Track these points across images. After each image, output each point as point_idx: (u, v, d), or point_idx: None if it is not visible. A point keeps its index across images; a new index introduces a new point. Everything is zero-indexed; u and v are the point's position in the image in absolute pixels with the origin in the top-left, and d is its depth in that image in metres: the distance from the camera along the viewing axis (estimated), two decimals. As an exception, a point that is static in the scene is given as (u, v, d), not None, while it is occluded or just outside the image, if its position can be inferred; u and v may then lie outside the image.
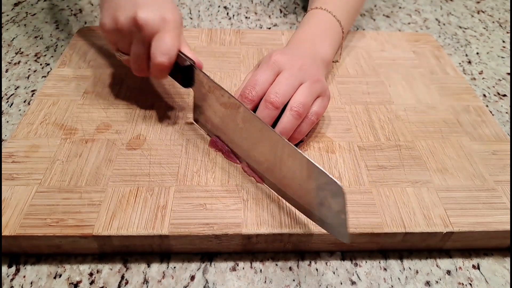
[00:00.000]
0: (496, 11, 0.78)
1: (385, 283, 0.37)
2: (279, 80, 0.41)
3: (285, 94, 0.40)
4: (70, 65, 0.54)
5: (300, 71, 0.42)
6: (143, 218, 0.36)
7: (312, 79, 0.42)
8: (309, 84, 0.42)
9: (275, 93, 0.40)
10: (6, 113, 0.50)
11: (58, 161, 0.41)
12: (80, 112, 0.47)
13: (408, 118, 0.49)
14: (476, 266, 0.38)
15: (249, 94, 0.41)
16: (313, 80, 0.42)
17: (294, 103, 0.40)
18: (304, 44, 0.48)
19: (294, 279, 0.36)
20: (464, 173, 0.42)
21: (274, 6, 0.75)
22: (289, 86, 0.41)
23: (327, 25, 0.51)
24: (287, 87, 0.41)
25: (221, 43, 0.60)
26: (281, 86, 0.41)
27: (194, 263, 0.37)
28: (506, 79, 0.60)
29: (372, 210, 0.38)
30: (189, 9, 0.73)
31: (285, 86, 0.41)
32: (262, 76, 0.41)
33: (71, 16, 0.69)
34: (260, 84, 0.41)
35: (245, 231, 0.36)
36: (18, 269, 0.36)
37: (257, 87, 0.41)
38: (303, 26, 0.51)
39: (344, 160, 0.43)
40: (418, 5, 0.79)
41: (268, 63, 0.42)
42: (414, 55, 0.59)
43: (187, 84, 0.43)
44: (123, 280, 0.36)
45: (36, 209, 0.37)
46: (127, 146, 0.43)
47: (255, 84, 0.41)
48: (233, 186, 0.40)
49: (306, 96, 0.41)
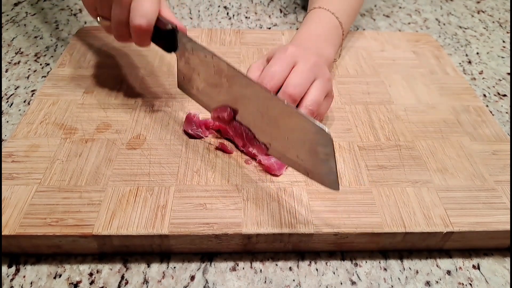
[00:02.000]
0: (496, 11, 0.78)
1: (385, 283, 0.37)
2: (296, 71, 0.42)
3: (303, 87, 0.41)
4: (70, 65, 0.54)
5: (315, 66, 0.43)
6: (143, 218, 0.36)
7: (325, 76, 0.43)
8: (322, 82, 0.43)
9: (294, 86, 0.41)
10: (6, 113, 0.50)
11: (58, 160, 0.41)
12: (80, 112, 0.47)
13: (408, 118, 0.49)
14: (476, 266, 0.38)
15: (268, 84, 0.41)
16: (326, 78, 0.43)
17: (308, 101, 0.41)
18: (308, 43, 0.48)
19: (294, 279, 0.36)
20: (464, 173, 0.42)
21: (274, 6, 0.75)
22: (306, 79, 0.42)
23: (328, 25, 0.51)
24: (305, 79, 0.41)
25: (221, 43, 0.60)
26: (298, 79, 0.41)
27: (194, 263, 0.37)
28: (506, 79, 0.60)
29: (372, 210, 0.38)
30: (189, 9, 0.73)
31: (302, 79, 0.41)
32: (280, 66, 0.42)
33: (71, 16, 0.69)
34: (278, 74, 0.41)
35: (245, 231, 0.36)
36: (18, 269, 0.36)
37: (275, 78, 0.41)
38: (305, 25, 0.51)
39: (344, 160, 0.43)
40: (418, 5, 0.79)
41: (285, 54, 0.43)
42: (414, 55, 0.59)
43: (170, 49, 0.43)
44: (123, 280, 0.36)
45: (36, 209, 0.37)
46: (127, 145, 0.43)
47: (273, 75, 0.41)
48: (233, 186, 0.40)
49: (319, 94, 0.42)
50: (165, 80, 0.52)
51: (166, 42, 0.42)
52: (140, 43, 0.42)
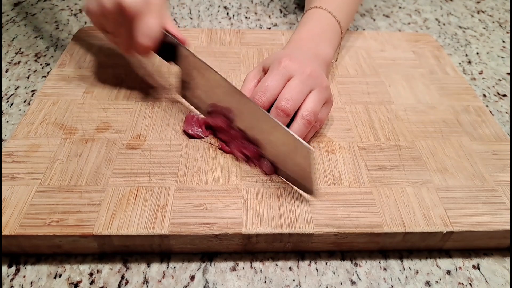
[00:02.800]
0: (496, 11, 0.78)
1: (385, 283, 0.37)
2: (290, 86, 0.41)
3: (296, 101, 0.41)
4: (70, 65, 0.54)
5: (310, 77, 0.42)
6: (143, 218, 0.36)
7: (321, 86, 0.43)
8: (318, 92, 0.42)
9: (287, 100, 0.40)
10: (6, 113, 0.50)
11: (58, 160, 0.41)
12: (80, 112, 0.47)
13: (408, 118, 0.49)
14: (476, 266, 0.38)
15: (259, 99, 0.41)
16: (322, 87, 0.43)
17: (305, 111, 0.41)
18: (306, 44, 0.48)
19: (294, 279, 0.36)
20: (464, 173, 0.42)
21: (274, 6, 0.75)
22: (300, 93, 0.41)
23: (327, 25, 0.51)
24: (298, 94, 0.41)
25: (221, 43, 0.60)
26: (292, 93, 0.41)
27: (194, 263, 0.37)
28: (506, 79, 0.60)
29: (372, 210, 0.38)
30: (189, 9, 0.73)
31: (296, 93, 0.41)
32: (272, 81, 0.41)
33: (71, 16, 0.69)
34: (270, 89, 0.41)
35: (245, 230, 0.36)
36: (18, 269, 0.36)
37: (267, 93, 0.41)
38: (304, 25, 0.51)
39: (344, 160, 0.43)
40: (418, 5, 0.79)
41: (278, 69, 0.42)
42: (414, 55, 0.59)
43: (170, 59, 0.45)
44: (123, 280, 0.36)
45: (36, 209, 0.37)
46: (127, 145, 0.43)
47: (266, 90, 0.41)
48: (233, 186, 0.40)
49: (315, 104, 0.42)
50: (165, 80, 0.52)
51: (167, 54, 0.45)
52: (144, 56, 0.44)
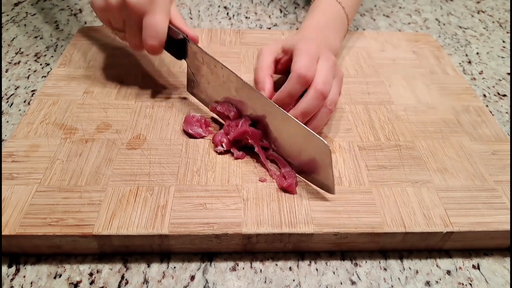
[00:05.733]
0: (496, 11, 0.78)
1: (385, 283, 0.37)
2: (322, 69, 0.42)
3: (330, 84, 0.42)
4: (70, 65, 0.54)
5: (335, 64, 0.44)
6: (143, 218, 0.36)
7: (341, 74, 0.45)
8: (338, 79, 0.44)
9: (324, 83, 0.41)
10: (6, 113, 0.50)
11: (58, 160, 0.41)
12: (80, 112, 0.47)
13: (408, 118, 0.49)
14: (476, 266, 0.38)
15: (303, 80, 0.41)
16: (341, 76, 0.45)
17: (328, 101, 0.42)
18: (316, 33, 0.48)
19: (294, 279, 0.36)
20: (464, 173, 0.42)
21: (274, 6, 0.75)
22: (331, 76, 0.42)
23: (334, 14, 0.52)
24: (331, 76, 0.42)
25: (221, 43, 0.60)
26: (327, 76, 0.42)
27: (194, 263, 0.37)
28: (506, 79, 0.60)
29: (372, 210, 0.38)
30: (189, 9, 0.73)
31: (329, 76, 0.42)
32: (309, 64, 0.41)
33: (71, 16, 0.69)
34: (311, 72, 0.41)
35: (245, 230, 0.36)
36: (18, 269, 0.36)
37: (309, 74, 0.41)
38: (313, 14, 0.51)
39: (344, 160, 0.43)
40: (418, 5, 0.79)
41: (309, 52, 0.42)
42: (414, 55, 0.59)
43: (181, 56, 0.45)
44: (123, 280, 0.36)
45: (36, 209, 0.37)
46: (127, 145, 0.43)
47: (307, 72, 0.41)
48: (233, 185, 0.40)
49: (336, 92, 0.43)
50: (165, 80, 0.52)
51: (177, 50, 0.45)
52: (153, 55, 0.45)
